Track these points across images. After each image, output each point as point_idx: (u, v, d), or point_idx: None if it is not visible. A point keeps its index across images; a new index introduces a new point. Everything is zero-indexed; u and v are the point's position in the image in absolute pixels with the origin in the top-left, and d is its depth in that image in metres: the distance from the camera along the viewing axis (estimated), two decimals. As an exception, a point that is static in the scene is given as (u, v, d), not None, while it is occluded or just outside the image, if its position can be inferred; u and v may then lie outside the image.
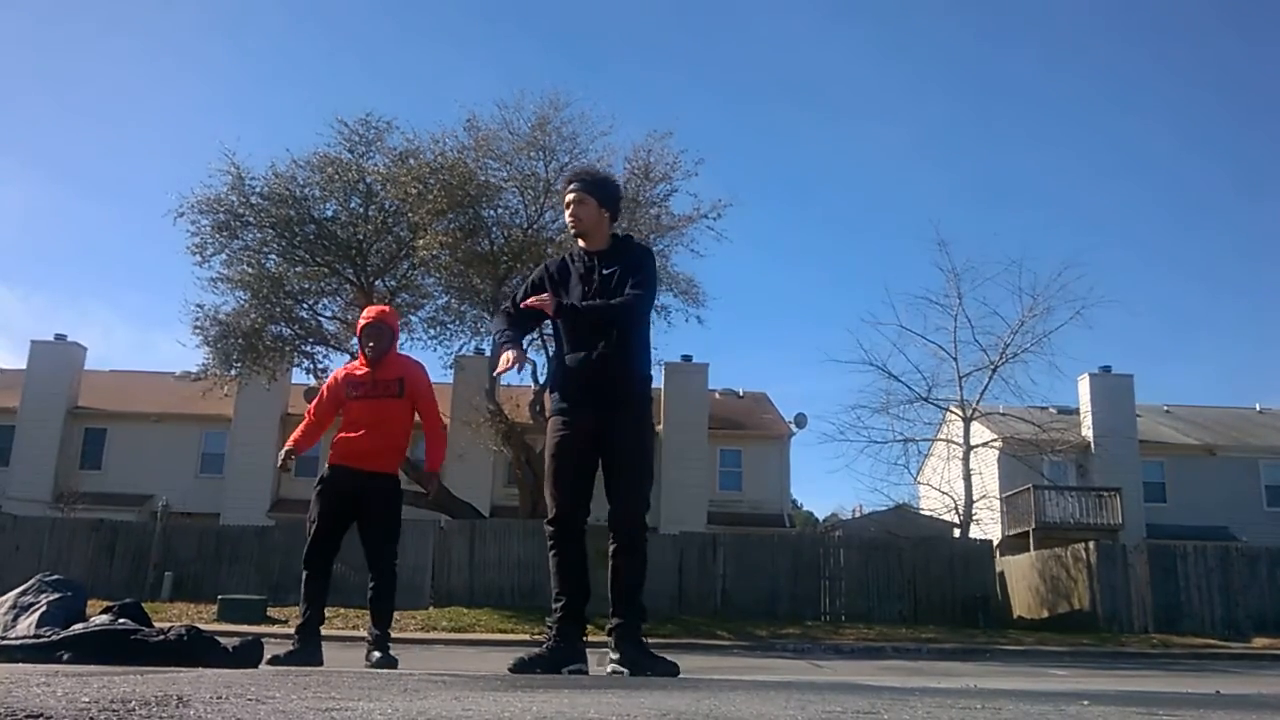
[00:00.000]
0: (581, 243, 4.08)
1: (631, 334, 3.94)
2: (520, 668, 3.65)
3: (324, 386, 5.58)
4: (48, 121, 71.83)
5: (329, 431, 5.61)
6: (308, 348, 20.34)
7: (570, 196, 4.07)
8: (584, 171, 4.39)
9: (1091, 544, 19.55)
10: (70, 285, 74.38)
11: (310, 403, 5.68)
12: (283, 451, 5.37)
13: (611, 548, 3.85)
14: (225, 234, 18.44)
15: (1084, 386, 28.85)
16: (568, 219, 4.12)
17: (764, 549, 19.34)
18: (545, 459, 4.04)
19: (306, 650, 4.97)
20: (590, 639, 3.92)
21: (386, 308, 5.92)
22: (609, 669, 3.75)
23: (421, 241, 17.69)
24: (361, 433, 5.22)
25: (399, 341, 5.72)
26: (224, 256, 18.71)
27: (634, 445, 3.91)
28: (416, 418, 5.55)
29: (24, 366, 29.23)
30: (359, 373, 5.40)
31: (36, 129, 71.69)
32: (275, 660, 4.53)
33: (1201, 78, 68.33)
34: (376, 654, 5.12)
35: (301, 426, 5.54)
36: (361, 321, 5.51)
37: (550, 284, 4.05)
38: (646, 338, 4.08)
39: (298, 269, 19.51)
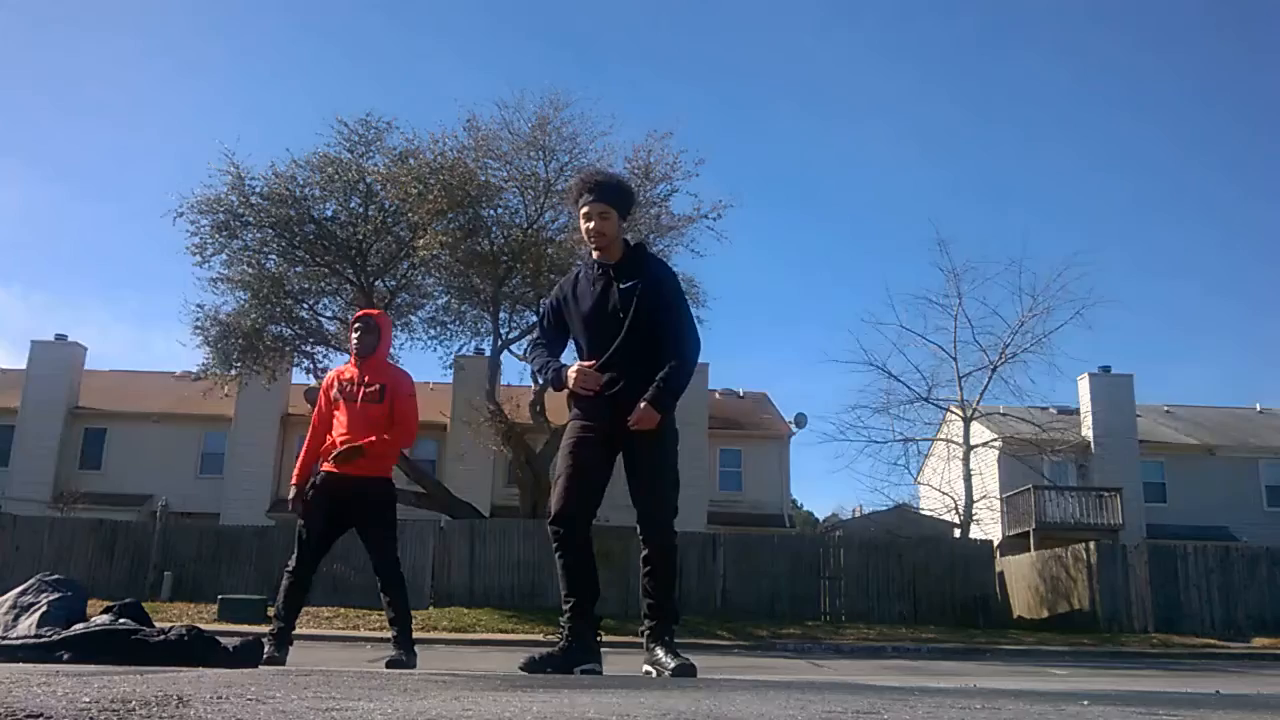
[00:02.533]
0: (596, 254, 3.99)
1: (661, 352, 3.89)
2: (532, 666, 3.62)
3: (320, 393, 5.58)
4: (44, 120, 71.87)
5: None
6: (308, 348, 20.35)
7: (591, 209, 3.91)
8: (600, 180, 4.09)
9: (1091, 544, 19.56)
10: (67, 284, 74.47)
11: (311, 401, 5.71)
12: (291, 493, 5.39)
13: (642, 555, 3.84)
14: (225, 234, 18.44)
15: (1084, 386, 28.86)
16: (590, 233, 3.93)
17: (764, 549, 19.34)
18: (558, 456, 3.96)
19: (274, 654, 4.95)
20: (604, 639, 3.92)
21: (377, 310, 5.99)
22: (644, 670, 3.76)
23: (421, 241, 17.68)
24: (348, 438, 5.22)
25: (399, 343, 5.75)
26: (224, 257, 18.73)
27: (657, 451, 3.84)
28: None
29: (24, 366, 29.26)
30: (346, 375, 5.43)
31: (33, 128, 71.73)
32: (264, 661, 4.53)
33: (1201, 79, 68.39)
34: (392, 653, 5.17)
35: (303, 451, 5.44)
36: (354, 318, 5.65)
37: (567, 302, 4.02)
38: None
39: (298, 269, 19.52)
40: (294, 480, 5.40)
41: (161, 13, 71.66)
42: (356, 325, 5.50)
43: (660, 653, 3.67)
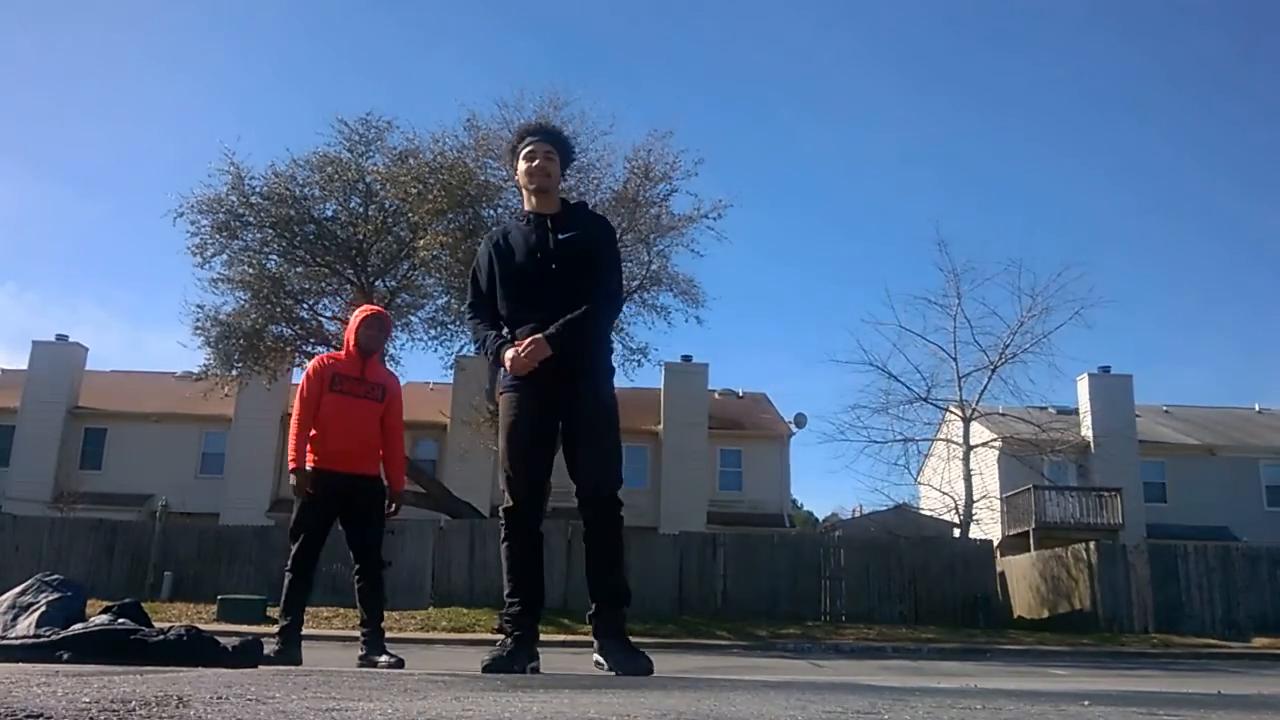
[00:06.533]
0: (533, 202, 3.82)
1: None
2: (495, 667, 3.44)
3: (305, 378, 5.42)
4: (41, 119, 71.84)
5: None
6: (308, 348, 20.34)
7: (536, 148, 3.78)
8: (547, 126, 4.03)
9: (1092, 544, 19.55)
10: (63, 283, 74.43)
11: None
12: (294, 478, 5.21)
13: (584, 527, 3.62)
14: (225, 234, 18.45)
15: (1083, 386, 28.86)
16: (531, 174, 3.76)
17: (764, 549, 19.34)
18: (500, 439, 3.72)
19: (290, 652, 4.97)
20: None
21: (385, 311, 6.01)
22: (595, 660, 3.54)
23: (421, 241, 17.69)
24: (342, 434, 5.18)
25: (399, 343, 5.76)
26: (224, 257, 18.74)
27: (600, 414, 3.66)
28: None
29: (24, 367, 29.27)
30: (347, 368, 5.33)
31: (29, 126, 71.72)
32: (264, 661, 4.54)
33: (1199, 80, 68.38)
34: (383, 658, 5.09)
35: (297, 436, 5.30)
36: (364, 314, 5.50)
37: (499, 256, 3.78)
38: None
39: (298, 269, 19.52)
40: (295, 464, 5.21)
41: (161, 11, 71.68)
42: (371, 321, 5.41)
43: (613, 646, 3.46)
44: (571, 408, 3.65)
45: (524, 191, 3.90)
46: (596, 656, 3.54)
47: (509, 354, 3.62)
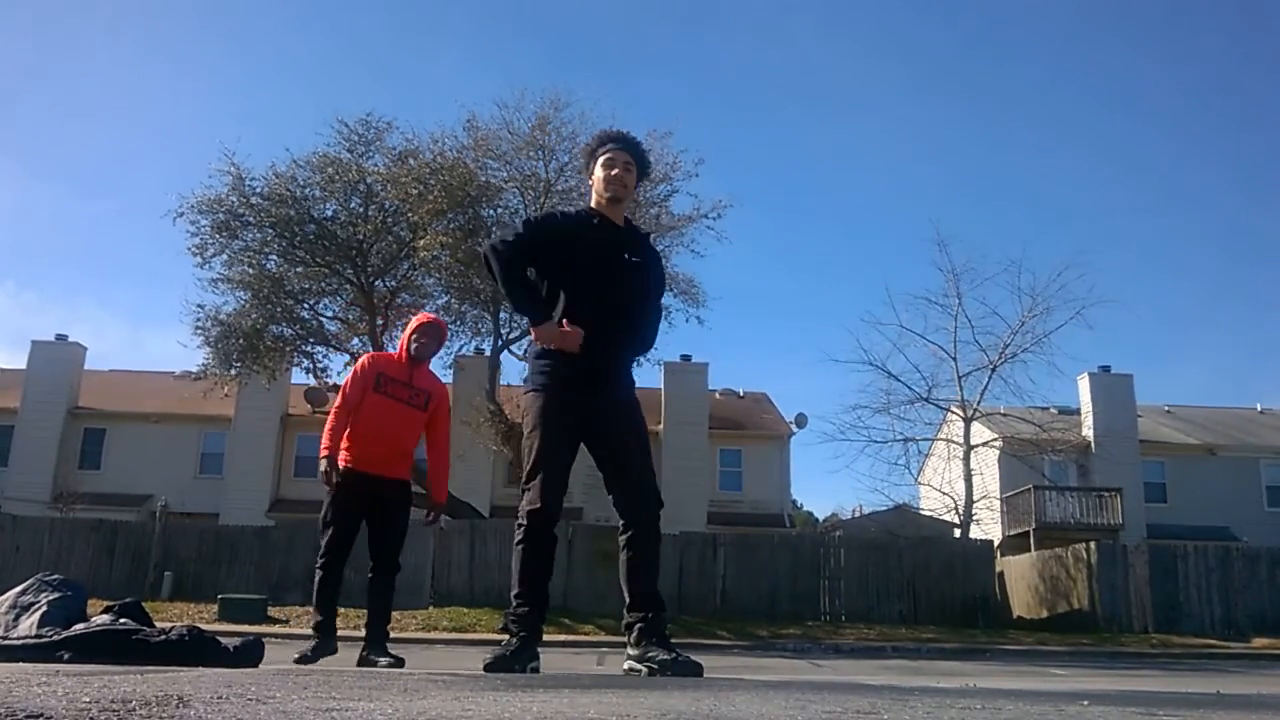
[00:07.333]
0: (605, 205, 3.79)
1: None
2: (496, 667, 3.41)
3: (352, 374, 5.38)
4: (41, 119, 71.81)
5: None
6: (308, 348, 20.36)
7: (617, 156, 3.77)
8: (631, 137, 3.93)
9: (1091, 544, 19.55)
10: (62, 282, 74.42)
11: (311, 401, 5.67)
12: (324, 465, 5.12)
13: (626, 536, 3.58)
14: (225, 234, 18.46)
15: (1084, 386, 28.87)
16: (609, 181, 3.73)
17: (764, 549, 19.34)
18: (532, 439, 3.63)
19: (326, 644, 5.19)
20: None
21: (443, 321, 5.98)
22: (625, 667, 3.48)
23: (421, 242, 17.70)
24: (379, 437, 5.17)
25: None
26: (224, 257, 18.75)
27: (640, 423, 3.79)
28: None
29: (23, 366, 29.26)
30: (395, 371, 5.28)
31: (29, 126, 71.70)
32: (303, 659, 4.83)
33: (1199, 80, 68.38)
34: (383, 658, 5.13)
35: (334, 428, 5.20)
36: (420, 321, 5.45)
37: (573, 238, 3.71)
38: None
39: (298, 269, 19.52)
40: (325, 452, 5.15)
41: (161, 11, 71.67)
42: (427, 330, 5.35)
43: (660, 651, 3.42)
44: (603, 419, 3.68)
45: (595, 195, 3.85)
46: (631, 664, 3.48)
47: (546, 327, 3.64)
